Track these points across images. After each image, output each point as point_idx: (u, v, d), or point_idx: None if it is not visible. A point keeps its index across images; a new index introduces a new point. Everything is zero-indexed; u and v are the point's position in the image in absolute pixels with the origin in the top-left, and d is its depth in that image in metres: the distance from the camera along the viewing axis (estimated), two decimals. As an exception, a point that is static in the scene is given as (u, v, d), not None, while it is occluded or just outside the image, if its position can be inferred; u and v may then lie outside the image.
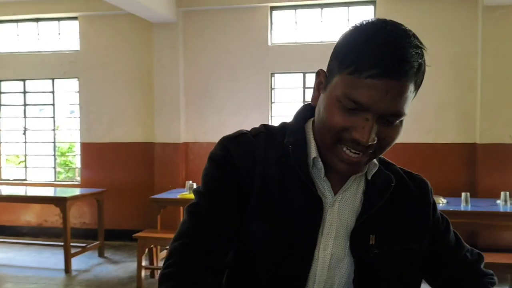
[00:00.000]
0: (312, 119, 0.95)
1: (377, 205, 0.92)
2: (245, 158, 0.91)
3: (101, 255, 5.68)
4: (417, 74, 0.81)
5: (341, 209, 0.92)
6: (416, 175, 1.04)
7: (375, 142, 0.82)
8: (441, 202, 4.71)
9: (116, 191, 6.04)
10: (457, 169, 5.68)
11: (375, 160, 0.94)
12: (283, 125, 0.99)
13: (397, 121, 0.84)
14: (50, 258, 5.55)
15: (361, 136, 0.81)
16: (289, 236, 0.89)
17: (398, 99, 0.80)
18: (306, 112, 0.97)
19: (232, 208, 0.90)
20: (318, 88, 0.90)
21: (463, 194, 4.66)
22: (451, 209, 4.50)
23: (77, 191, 5.67)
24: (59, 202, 5.15)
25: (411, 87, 0.81)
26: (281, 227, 0.89)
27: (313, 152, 0.91)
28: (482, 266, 1.10)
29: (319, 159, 0.91)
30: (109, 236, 5.91)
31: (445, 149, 5.70)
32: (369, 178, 0.94)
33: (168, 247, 2.44)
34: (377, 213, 0.92)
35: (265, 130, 0.97)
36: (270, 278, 0.89)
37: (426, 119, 5.69)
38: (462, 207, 4.57)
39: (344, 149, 0.84)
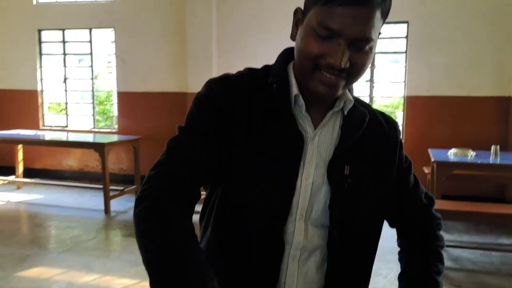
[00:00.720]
0: (292, 61, 1.04)
1: (352, 138, 1.01)
2: (229, 99, 0.99)
3: None
4: (384, 2, 0.90)
5: (320, 142, 1.01)
6: (388, 116, 1.13)
7: (348, 66, 0.91)
8: (470, 155, 4.72)
9: (151, 138, 6.29)
10: (488, 123, 5.62)
11: (351, 97, 1.04)
12: (266, 68, 1.07)
13: (367, 46, 0.92)
14: (91, 200, 5.92)
15: (335, 60, 0.90)
16: (273, 170, 0.98)
17: (366, 24, 0.89)
18: (287, 55, 1.06)
19: (211, 144, 0.97)
20: (296, 24, 0.98)
21: (492, 147, 4.65)
22: (479, 162, 4.52)
23: (114, 138, 5.94)
24: (98, 147, 5.43)
25: (378, 14, 0.90)
26: (266, 162, 0.98)
27: (295, 90, 1.00)
28: (433, 209, 1.21)
29: (300, 96, 1.00)
30: (145, 181, 6.19)
31: (478, 103, 5.62)
32: (346, 113, 1.04)
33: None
34: (352, 146, 1.01)
35: (249, 72, 1.05)
36: (256, 210, 0.99)
37: (459, 72, 5.60)
38: (491, 160, 4.56)
39: (323, 72, 0.93)
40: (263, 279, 1.00)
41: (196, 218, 1.04)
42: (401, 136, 1.15)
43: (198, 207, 1.08)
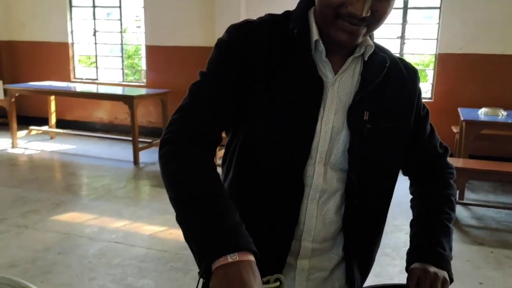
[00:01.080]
0: (313, 7, 1.04)
1: (372, 84, 1.02)
2: (249, 44, 1.00)
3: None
4: None
5: (340, 88, 1.02)
6: (408, 62, 1.13)
7: (369, 14, 0.91)
8: (501, 115, 4.63)
9: (179, 92, 6.33)
10: (523, 82, 5.46)
11: (371, 43, 1.04)
12: (287, 13, 1.07)
13: None
14: (120, 151, 6.09)
15: (356, 9, 0.90)
16: (293, 114, 1.00)
17: None
18: (308, 1, 1.05)
19: (231, 88, 0.99)
20: None
21: (524, 107, 4.54)
22: (509, 121, 4.44)
23: (143, 91, 6.03)
24: (127, 100, 5.54)
25: None
26: (286, 106, 1.00)
27: (315, 35, 1.00)
28: (447, 159, 1.22)
29: (321, 42, 1.00)
30: (173, 134, 6.30)
31: (513, 61, 5.45)
32: (366, 59, 1.04)
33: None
34: (372, 92, 1.02)
35: (270, 18, 1.06)
36: (276, 154, 1.01)
37: (495, 29, 5.41)
38: (522, 119, 4.48)
39: (343, 21, 0.93)
40: (284, 219, 1.04)
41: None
42: (420, 84, 1.15)
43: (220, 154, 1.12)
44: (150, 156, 5.84)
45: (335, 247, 1.10)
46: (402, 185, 1.35)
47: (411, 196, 1.25)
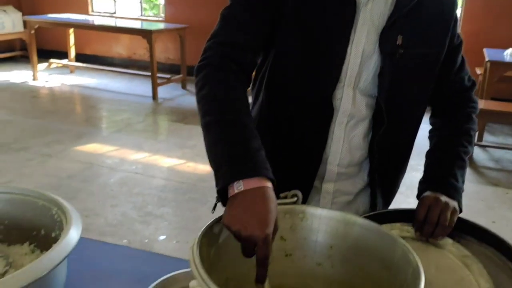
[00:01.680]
0: None
1: (407, 7, 0.99)
2: None
3: (183, 87, 6.15)
4: None
5: (373, 9, 0.99)
6: None
7: None
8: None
9: (198, 29, 6.26)
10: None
11: None
12: None
13: None
14: (139, 86, 6.12)
15: None
16: (324, 36, 0.99)
17: None
18: None
19: (262, 10, 0.99)
20: None
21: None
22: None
23: (161, 26, 5.96)
24: (146, 34, 5.49)
25: None
26: (317, 27, 0.98)
27: None
28: (473, 93, 1.19)
29: None
30: (191, 72, 6.28)
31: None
32: None
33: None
34: (406, 16, 0.99)
35: None
36: (306, 76, 1.01)
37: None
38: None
39: None
40: (312, 143, 1.06)
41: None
42: (458, 12, 1.11)
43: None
44: (168, 92, 5.86)
45: (360, 173, 1.12)
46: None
47: (430, 127, 1.25)
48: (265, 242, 0.72)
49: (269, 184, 0.79)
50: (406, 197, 3.69)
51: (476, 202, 3.32)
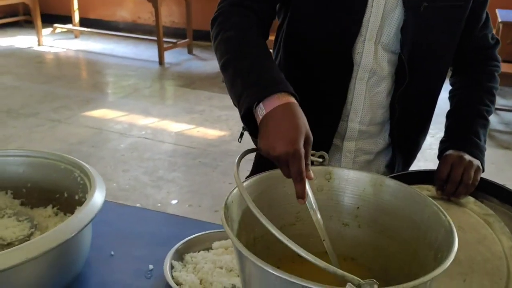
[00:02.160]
0: None
1: None
2: None
3: (190, 52, 6.08)
4: None
5: None
6: None
7: None
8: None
9: (203, -10, 6.15)
10: None
11: None
12: None
13: None
14: (145, 51, 6.05)
15: None
16: None
17: None
18: None
19: None
20: None
21: None
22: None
23: (166, -12, 5.84)
24: (151, -4, 5.39)
25: None
26: None
27: None
28: (496, 51, 1.16)
29: None
30: (197, 36, 6.22)
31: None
32: None
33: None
34: None
35: None
36: (326, 28, 0.99)
37: None
38: None
39: None
40: (331, 99, 1.05)
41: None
42: None
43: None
44: (174, 57, 5.80)
45: (382, 132, 1.11)
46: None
47: (450, 88, 1.23)
48: (295, 157, 0.71)
49: (290, 99, 0.79)
50: (416, 160, 3.70)
51: (487, 165, 3.30)
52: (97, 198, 0.92)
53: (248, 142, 1.05)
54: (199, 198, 2.79)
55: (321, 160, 0.82)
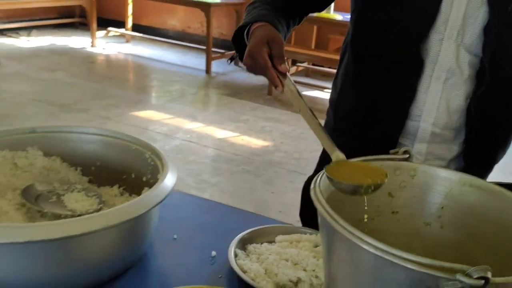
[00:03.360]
0: None
1: None
2: None
3: (236, 64, 6.13)
4: None
5: None
6: None
7: None
8: None
9: (255, 4, 6.22)
10: None
11: None
12: None
13: None
14: (192, 59, 6.15)
15: None
16: None
17: None
18: None
19: None
20: None
21: None
22: None
23: (218, 0, 5.95)
24: (204, 7, 5.49)
25: None
26: None
27: None
28: None
29: None
30: (244, 48, 6.28)
31: None
32: None
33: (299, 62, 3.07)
34: None
35: None
36: (396, 24, 0.97)
37: None
38: None
39: None
40: (398, 97, 1.02)
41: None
42: None
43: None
44: (221, 67, 5.87)
45: (457, 138, 1.06)
46: None
47: None
48: (257, 54, 0.93)
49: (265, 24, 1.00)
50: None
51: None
52: (169, 179, 0.93)
53: (289, 155, 1.03)
54: (242, 204, 2.78)
55: (407, 156, 0.80)
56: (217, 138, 3.77)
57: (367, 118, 1.07)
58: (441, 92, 1.00)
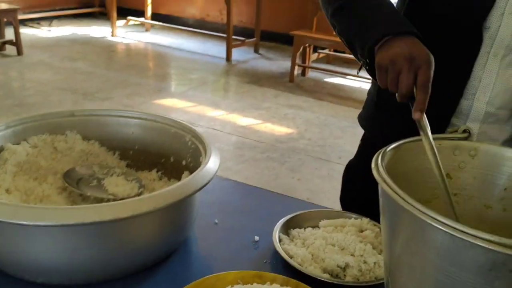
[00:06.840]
0: None
1: None
2: None
3: (256, 51, 6.09)
4: None
5: None
6: None
7: None
8: None
9: (275, -9, 6.15)
10: None
11: None
12: None
13: None
14: (212, 47, 6.12)
15: None
16: None
17: None
18: None
19: None
20: None
21: None
22: None
23: (239, -13, 5.90)
24: (224, -7, 5.45)
25: None
26: None
27: None
28: None
29: None
30: (264, 36, 6.23)
31: None
32: None
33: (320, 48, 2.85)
34: None
35: None
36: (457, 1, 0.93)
37: None
38: None
39: None
40: (454, 74, 0.98)
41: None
42: None
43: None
44: (241, 55, 5.83)
45: (511, 119, 1.02)
46: None
47: None
48: (426, 63, 0.78)
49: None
50: None
51: None
52: (214, 161, 0.90)
53: (314, 142, 1.00)
54: (268, 192, 2.76)
55: (466, 135, 0.76)
56: (240, 126, 3.74)
57: None
58: (498, 70, 0.95)
